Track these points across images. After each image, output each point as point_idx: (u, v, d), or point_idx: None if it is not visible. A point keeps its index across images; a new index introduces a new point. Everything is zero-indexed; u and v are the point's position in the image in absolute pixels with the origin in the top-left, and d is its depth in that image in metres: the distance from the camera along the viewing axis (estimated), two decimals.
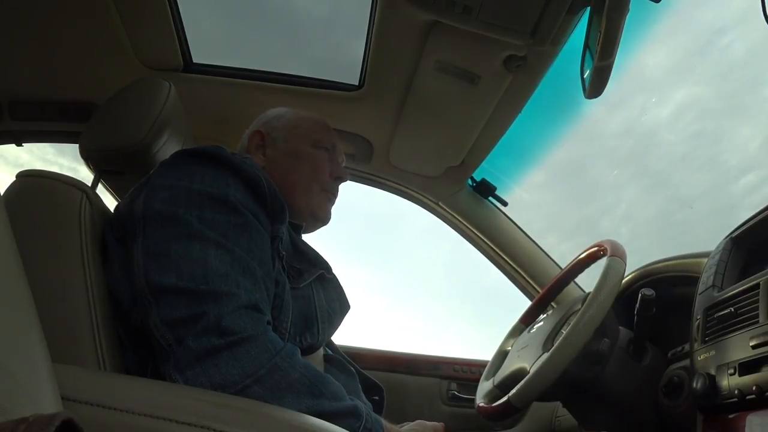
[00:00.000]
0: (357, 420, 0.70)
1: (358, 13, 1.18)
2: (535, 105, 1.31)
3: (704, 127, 2.00)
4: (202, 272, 0.68)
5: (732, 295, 0.74)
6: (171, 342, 0.65)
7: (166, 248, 0.70)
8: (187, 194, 0.75)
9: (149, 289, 0.69)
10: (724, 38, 1.57)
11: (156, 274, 0.69)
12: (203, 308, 0.66)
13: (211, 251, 0.70)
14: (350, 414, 0.70)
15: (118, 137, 0.99)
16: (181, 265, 0.68)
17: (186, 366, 0.63)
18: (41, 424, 0.26)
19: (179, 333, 0.65)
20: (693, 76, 1.73)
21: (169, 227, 0.72)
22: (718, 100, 1.88)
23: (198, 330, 0.64)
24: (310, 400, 0.67)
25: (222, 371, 0.63)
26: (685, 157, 2.08)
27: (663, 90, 1.73)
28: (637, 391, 0.90)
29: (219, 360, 0.64)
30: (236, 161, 0.80)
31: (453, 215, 1.70)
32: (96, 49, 1.28)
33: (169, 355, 0.65)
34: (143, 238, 0.72)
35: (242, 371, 0.64)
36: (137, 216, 0.75)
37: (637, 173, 2.12)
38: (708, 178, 2.10)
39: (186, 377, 0.63)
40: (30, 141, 1.53)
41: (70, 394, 0.51)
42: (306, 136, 1.05)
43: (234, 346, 0.65)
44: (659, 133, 1.97)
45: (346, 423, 0.68)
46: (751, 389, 0.62)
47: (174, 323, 0.66)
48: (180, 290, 0.67)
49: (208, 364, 0.63)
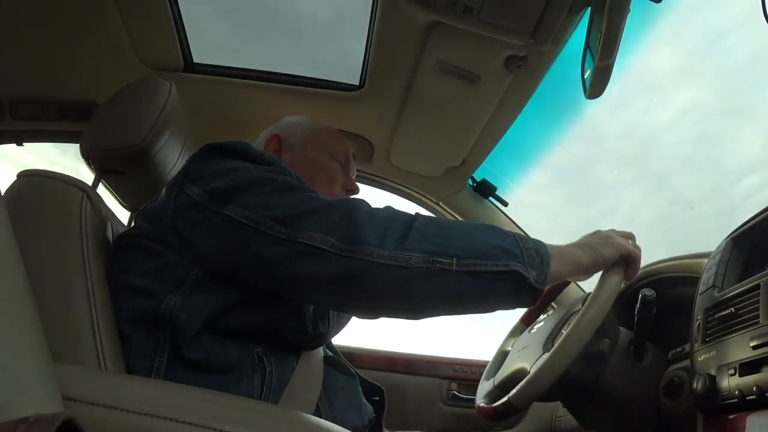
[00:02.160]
0: (505, 234, 0.74)
1: (359, 13, 1.18)
2: (536, 105, 1.31)
3: (706, 129, 2.00)
4: (318, 200, 0.72)
5: (732, 295, 0.74)
6: (333, 242, 0.66)
7: (273, 201, 0.71)
8: (245, 171, 0.76)
9: (283, 224, 0.68)
10: (726, 41, 1.57)
11: (283, 213, 0.69)
12: (351, 207, 0.69)
13: (307, 193, 0.74)
14: (497, 228, 0.75)
15: (118, 137, 0.99)
16: (296, 202, 0.71)
17: (369, 237, 0.66)
18: (42, 424, 0.26)
19: (340, 231, 0.67)
20: (695, 78, 1.73)
21: (257, 188, 0.72)
22: (720, 103, 1.88)
23: (358, 218, 0.68)
24: (461, 223, 0.74)
25: (395, 228, 0.68)
26: (687, 159, 2.08)
27: (665, 92, 1.73)
28: (638, 392, 0.90)
29: (386, 225, 0.68)
30: (267, 156, 0.82)
31: (453, 215, 1.70)
32: (97, 49, 1.28)
33: (333, 257, 0.66)
34: (236, 203, 0.71)
35: (404, 223, 0.69)
36: (201, 198, 0.73)
37: (639, 175, 2.12)
38: (710, 180, 2.10)
39: (374, 243, 0.66)
40: (31, 141, 1.53)
41: (71, 394, 0.51)
42: (323, 145, 1.06)
43: (387, 214, 0.71)
44: (661, 135, 1.97)
45: (498, 233, 0.74)
46: (751, 390, 0.62)
47: (331, 227, 0.67)
48: (317, 209, 0.69)
49: (382, 229, 0.68)
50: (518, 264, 0.69)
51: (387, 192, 1.71)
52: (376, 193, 1.70)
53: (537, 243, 0.74)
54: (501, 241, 0.71)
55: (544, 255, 0.73)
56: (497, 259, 0.68)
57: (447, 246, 0.68)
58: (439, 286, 0.67)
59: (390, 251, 0.65)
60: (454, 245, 0.68)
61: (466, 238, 0.70)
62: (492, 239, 0.71)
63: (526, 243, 0.72)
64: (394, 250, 0.66)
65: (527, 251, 0.71)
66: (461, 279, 0.67)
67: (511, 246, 0.71)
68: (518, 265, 0.69)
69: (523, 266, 0.69)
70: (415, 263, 0.65)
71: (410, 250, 0.66)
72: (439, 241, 0.68)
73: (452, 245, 0.68)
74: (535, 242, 0.75)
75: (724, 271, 0.83)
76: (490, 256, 0.68)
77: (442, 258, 0.66)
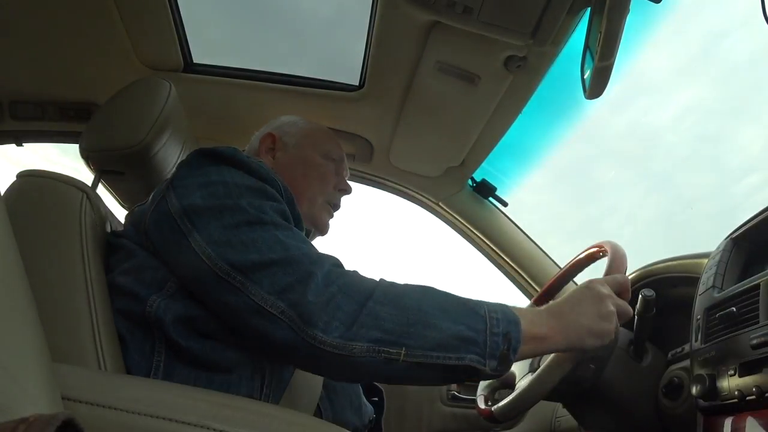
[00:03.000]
0: (479, 306, 0.70)
1: (359, 13, 1.18)
2: (536, 105, 1.31)
3: (707, 129, 2.02)
4: (280, 246, 0.69)
5: (732, 295, 0.74)
6: (283, 308, 0.65)
7: (235, 235, 0.70)
8: (225, 187, 0.75)
9: (236, 269, 0.68)
10: (726, 41, 1.57)
11: (237, 255, 0.68)
12: (309, 269, 0.67)
13: (275, 231, 0.72)
14: (469, 301, 0.71)
15: (118, 137, 0.99)
16: (259, 245, 0.69)
17: (317, 318, 0.64)
18: (42, 424, 0.26)
19: (292, 297, 0.66)
20: (696, 78, 1.75)
21: (226, 217, 0.72)
22: (721, 102, 1.90)
23: (312, 288, 0.66)
24: (426, 299, 0.68)
25: (344, 308, 0.65)
26: (687, 159, 2.09)
27: (666, 92, 1.74)
28: (638, 392, 0.90)
29: (338, 302, 0.66)
30: (254, 164, 0.81)
31: (453, 215, 1.70)
32: (96, 50, 1.28)
33: (280, 322, 0.65)
34: (198, 230, 0.71)
35: (357, 300, 0.66)
36: (176, 213, 0.74)
37: (639, 175, 2.13)
38: (710, 180, 2.11)
39: (320, 327, 0.64)
40: (30, 141, 1.53)
41: (71, 394, 0.51)
42: (317, 145, 1.07)
43: (343, 287, 0.67)
44: (662, 134, 1.98)
45: (469, 308, 0.69)
46: (751, 390, 0.62)
47: (283, 290, 0.66)
48: (273, 262, 0.68)
49: (331, 308, 0.65)
50: (475, 356, 0.65)
51: (387, 192, 1.71)
52: (376, 194, 1.70)
53: (511, 326, 0.68)
54: (464, 327, 0.66)
55: (513, 341, 0.67)
56: (452, 351, 0.64)
57: (398, 333, 0.64)
58: (385, 371, 0.66)
59: (334, 338, 0.63)
60: (406, 332, 0.64)
61: (424, 322, 0.65)
62: (454, 325, 0.66)
63: (495, 327, 0.67)
64: (338, 338, 0.63)
65: (493, 338, 0.66)
66: (408, 368, 0.64)
67: (474, 333, 0.66)
68: (475, 357, 0.65)
69: (481, 357, 0.65)
70: (359, 353, 0.63)
71: (356, 338, 0.64)
72: (390, 327, 0.64)
73: (404, 332, 0.64)
74: (509, 324, 0.68)
75: (724, 271, 0.83)
76: (445, 347, 0.64)
77: (389, 348, 0.64)
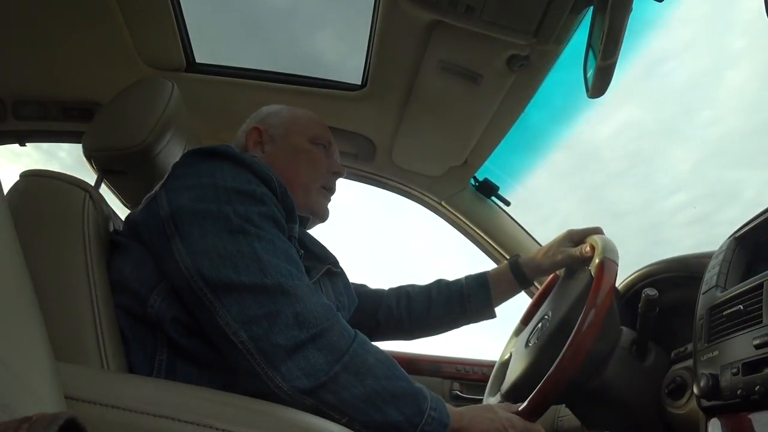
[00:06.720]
0: (425, 401, 0.72)
1: (361, 12, 1.18)
2: (538, 104, 1.30)
3: (641, 147, 2.08)
4: (257, 266, 0.70)
5: (735, 294, 0.74)
6: (244, 339, 0.66)
7: (213, 245, 0.71)
8: (214, 190, 0.75)
9: (208, 286, 0.69)
10: (666, 65, 1.63)
11: (212, 270, 0.69)
12: (277, 306, 0.68)
13: (256, 244, 0.72)
14: (419, 394, 0.73)
15: (121, 137, 0.99)
16: (236, 260, 0.69)
17: (280, 361, 0.66)
18: (45, 423, 0.26)
19: (256, 330, 0.66)
20: (636, 97, 1.81)
21: (208, 224, 0.72)
22: (655, 123, 1.96)
23: (280, 326, 0.67)
24: (386, 381, 0.70)
25: (311, 362, 0.67)
26: (621, 175, 2.16)
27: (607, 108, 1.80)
28: (640, 392, 0.89)
29: (306, 352, 0.67)
30: (248, 160, 0.81)
31: (455, 215, 1.70)
32: (99, 50, 1.28)
33: (240, 352, 0.67)
34: (181, 237, 0.72)
35: (327, 360, 0.67)
36: (164, 216, 0.75)
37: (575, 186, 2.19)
38: (640, 195, 2.17)
39: (282, 372, 0.66)
40: (33, 141, 1.53)
41: (74, 393, 0.51)
42: (304, 131, 1.05)
43: (316, 337, 0.68)
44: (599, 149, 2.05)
45: (417, 402, 0.71)
46: (754, 389, 0.62)
47: (249, 321, 0.67)
48: (245, 287, 0.68)
49: (298, 357, 0.66)
50: None
51: (389, 191, 1.71)
52: (379, 193, 1.71)
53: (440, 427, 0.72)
54: (403, 419, 0.69)
55: None
56: None
57: (349, 405, 0.68)
58: None
59: (291, 388, 0.66)
60: (356, 407, 0.68)
61: (375, 405, 0.69)
62: (397, 414, 0.69)
63: (427, 426, 0.71)
64: (297, 391, 0.66)
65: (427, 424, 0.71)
66: (349, 424, 0.68)
67: (409, 426, 0.70)
68: None
69: None
70: (308, 405, 0.67)
71: (312, 396, 0.67)
72: (346, 398, 0.67)
73: (355, 406, 0.68)
74: (439, 426, 0.72)
75: (727, 270, 0.82)
76: (380, 430, 0.69)
77: (335, 413, 0.67)
